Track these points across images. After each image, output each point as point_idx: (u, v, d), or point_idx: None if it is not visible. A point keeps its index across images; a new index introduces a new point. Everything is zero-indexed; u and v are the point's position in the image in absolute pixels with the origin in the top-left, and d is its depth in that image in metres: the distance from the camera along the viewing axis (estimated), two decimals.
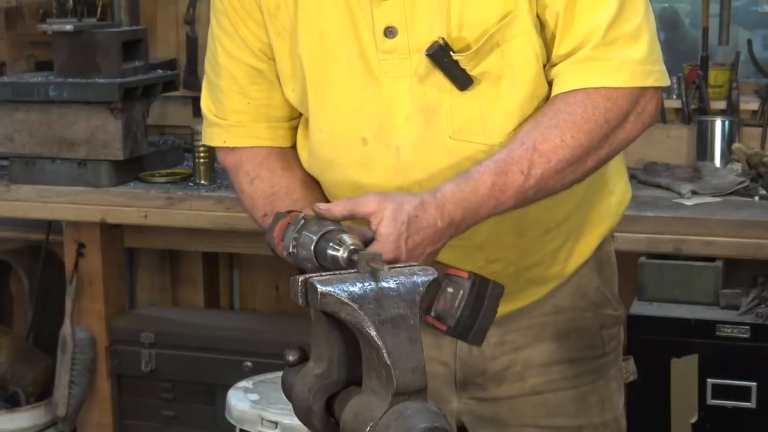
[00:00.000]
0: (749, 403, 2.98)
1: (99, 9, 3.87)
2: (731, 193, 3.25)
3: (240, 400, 3.14)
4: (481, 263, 1.73)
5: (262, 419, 3.04)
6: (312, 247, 1.50)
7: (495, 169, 1.60)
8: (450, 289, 1.56)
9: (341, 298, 1.25)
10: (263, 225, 1.78)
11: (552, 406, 1.85)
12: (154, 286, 4.23)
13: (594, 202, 1.84)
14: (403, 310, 1.26)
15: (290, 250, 1.54)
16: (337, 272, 1.31)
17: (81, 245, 3.70)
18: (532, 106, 1.67)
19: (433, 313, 1.59)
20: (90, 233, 3.70)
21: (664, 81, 1.67)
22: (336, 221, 1.54)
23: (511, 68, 1.66)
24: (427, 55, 1.65)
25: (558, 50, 1.66)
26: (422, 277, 1.31)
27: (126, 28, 3.78)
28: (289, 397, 1.39)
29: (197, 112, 3.06)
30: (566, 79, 1.64)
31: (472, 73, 1.65)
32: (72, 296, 3.72)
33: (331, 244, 1.47)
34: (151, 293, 4.23)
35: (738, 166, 3.44)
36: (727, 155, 3.51)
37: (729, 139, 3.53)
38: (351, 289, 1.26)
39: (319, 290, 1.26)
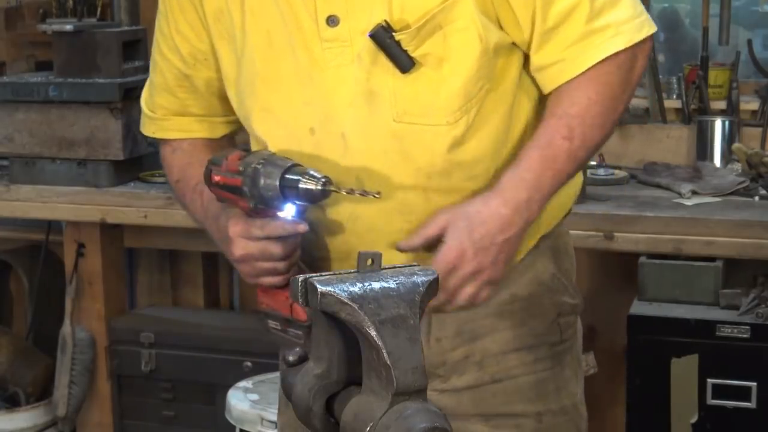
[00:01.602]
0: (749, 403, 2.98)
1: (99, 9, 3.87)
2: (731, 193, 3.25)
3: (240, 400, 3.14)
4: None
5: (262, 419, 3.05)
6: (279, 177, 1.61)
7: (538, 144, 1.70)
8: None
9: (341, 298, 1.25)
10: (176, 191, 1.95)
11: (511, 393, 1.86)
12: (154, 287, 4.23)
13: None
14: (403, 310, 1.26)
15: (249, 172, 1.63)
16: (337, 272, 1.31)
17: (81, 245, 3.70)
18: (477, 87, 1.70)
19: None
20: (90, 233, 3.70)
21: (653, 25, 1.76)
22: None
23: (453, 50, 1.68)
24: (369, 36, 1.67)
25: (545, 25, 1.70)
26: (422, 277, 1.31)
27: (126, 28, 3.79)
28: (289, 397, 1.39)
29: None
30: (573, 64, 1.71)
31: (413, 54, 1.68)
32: (72, 296, 3.72)
33: (300, 177, 1.61)
34: (151, 293, 4.23)
35: (738, 166, 3.44)
36: (727, 155, 3.51)
37: (729, 139, 3.53)
38: (351, 289, 1.26)
39: (319, 290, 1.26)
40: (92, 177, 3.54)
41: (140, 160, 3.62)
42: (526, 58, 1.77)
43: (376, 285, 1.27)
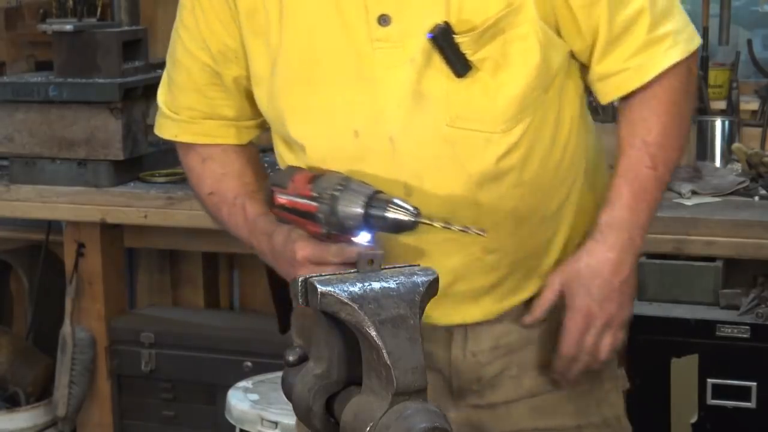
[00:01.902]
0: (749, 403, 2.98)
1: (99, 9, 3.87)
2: (731, 193, 3.25)
3: (240, 400, 3.14)
4: (478, 254, 1.73)
5: (262, 419, 3.04)
6: (362, 206, 1.56)
7: (626, 179, 1.73)
8: None
9: (341, 298, 1.25)
10: (208, 203, 1.86)
11: (549, 407, 1.84)
12: (154, 287, 4.23)
13: (579, 197, 1.83)
14: (403, 310, 1.26)
15: (325, 199, 1.58)
16: (337, 272, 1.31)
17: (81, 245, 3.70)
18: (534, 95, 1.68)
19: None
20: (90, 233, 3.70)
21: (699, 37, 1.78)
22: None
23: (512, 57, 1.65)
24: (430, 37, 1.63)
25: (610, 34, 1.69)
26: (422, 277, 1.31)
27: (126, 28, 3.78)
28: (289, 397, 1.39)
29: None
30: (637, 73, 1.72)
31: (471, 59, 1.64)
32: (72, 296, 3.72)
33: (386, 206, 1.56)
34: (151, 293, 4.23)
35: (738, 166, 3.44)
36: (727, 155, 3.51)
37: (729, 139, 3.53)
38: (351, 289, 1.26)
39: (319, 290, 1.26)
40: (92, 177, 3.54)
41: (140, 160, 3.62)
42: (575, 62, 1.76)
43: (376, 285, 1.27)
